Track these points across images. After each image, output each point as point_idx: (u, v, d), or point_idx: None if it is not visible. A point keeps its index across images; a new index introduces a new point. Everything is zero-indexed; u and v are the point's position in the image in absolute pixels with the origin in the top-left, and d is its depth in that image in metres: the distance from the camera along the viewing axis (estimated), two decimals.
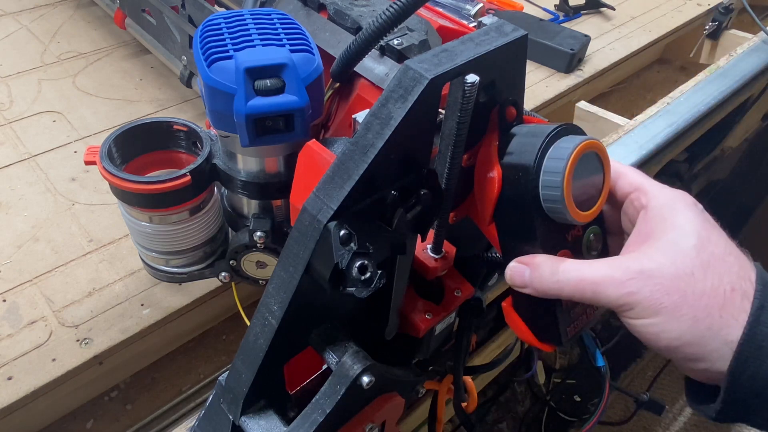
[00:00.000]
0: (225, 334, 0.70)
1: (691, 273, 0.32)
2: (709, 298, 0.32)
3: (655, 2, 1.21)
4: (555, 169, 0.34)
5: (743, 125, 1.20)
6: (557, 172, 0.34)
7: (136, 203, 0.51)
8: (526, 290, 0.36)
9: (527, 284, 0.36)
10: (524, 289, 0.36)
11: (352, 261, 0.30)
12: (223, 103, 0.44)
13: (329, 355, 0.37)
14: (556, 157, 0.34)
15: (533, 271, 0.35)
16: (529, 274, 0.35)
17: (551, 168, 0.34)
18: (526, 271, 0.36)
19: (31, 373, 0.57)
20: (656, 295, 0.32)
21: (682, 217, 0.35)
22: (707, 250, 0.33)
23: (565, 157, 0.33)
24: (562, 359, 1.39)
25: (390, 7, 0.40)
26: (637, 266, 0.33)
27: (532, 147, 0.35)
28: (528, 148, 0.35)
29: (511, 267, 0.37)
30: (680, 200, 0.36)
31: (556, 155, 0.34)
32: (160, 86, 0.95)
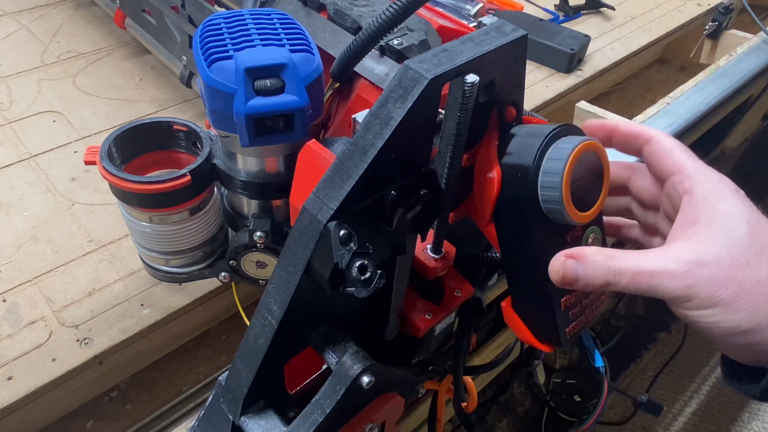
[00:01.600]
0: (225, 334, 0.70)
1: (746, 263, 0.32)
2: (766, 287, 0.31)
3: (655, 2, 1.21)
4: (554, 170, 0.34)
5: (743, 125, 1.20)
6: (556, 172, 0.33)
7: (136, 203, 0.51)
8: (577, 285, 0.34)
9: (579, 278, 0.34)
10: (575, 284, 0.34)
11: (351, 261, 0.30)
12: (223, 103, 0.44)
13: (329, 355, 0.37)
14: (555, 158, 0.34)
15: (585, 265, 0.34)
16: (582, 268, 0.34)
17: (550, 169, 0.34)
18: (577, 265, 0.34)
19: (31, 373, 0.57)
20: (714, 287, 0.31)
21: (729, 204, 0.34)
22: (758, 238, 0.33)
23: (563, 158, 0.33)
24: (562, 359, 1.39)
25: (390, 7, 0.40)
26: (692, 257, 0.32)
27: (531, 147, 0.35)
28: (527, 148, 0.35)
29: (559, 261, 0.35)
30: (725, 186, 0.35)
31: (555, 156, 0.34)
32: (160, 86, 0.95)
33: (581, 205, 0.35)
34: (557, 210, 0.34)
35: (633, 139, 0.39)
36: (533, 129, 0.36)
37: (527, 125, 0.37)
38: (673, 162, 0.37)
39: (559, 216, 0.35)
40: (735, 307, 0.31)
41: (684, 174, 0.36)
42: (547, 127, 0.35)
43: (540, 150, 0.34)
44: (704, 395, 1.43)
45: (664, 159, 0.37)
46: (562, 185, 0.33)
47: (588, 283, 0.34)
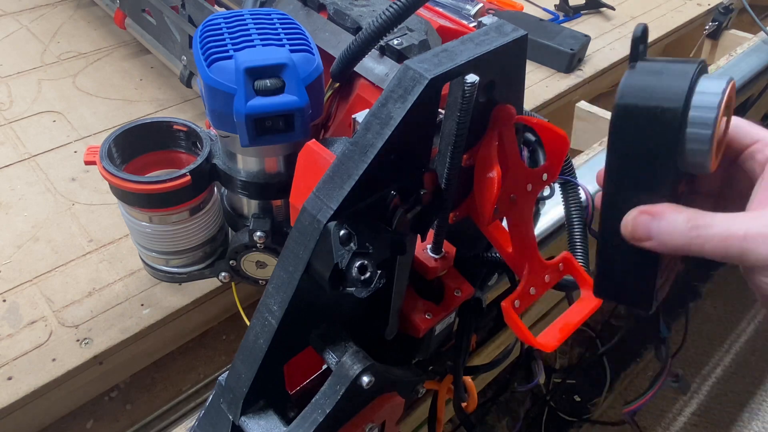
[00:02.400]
0: (225, 334, 0.70)
1: None
2: None
3: (655, 2, 1.21)
4: (709, 104, 0.30)
5: None
6: (712, 107, 0.30)
7: (136, 203, 0.51)
8: (649, 243, 0.32)
9: (653, 236, 0.32)
10: (647, 242, 0.32)
11: (351, 261, 0.30)
12: (223, 103, 0.44)
13: (329, 355, 0.37)
14: (710, 92, 0.30)
15: (662, 222, 0.31)
16: (657, 225, 0.32)
17: (704, 103, 0.30)
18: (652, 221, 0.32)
19: (31, 373, 0.57)
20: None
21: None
22: None
23: (719, 92, 0.30)
24: (562, 359, 1.39)
25: (390, 7, 0.40)
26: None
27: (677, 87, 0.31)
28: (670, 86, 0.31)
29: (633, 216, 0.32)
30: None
31: (709, 89, 0.30)
32: (160, 86, 0.95)
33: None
34: (703, 152, 0.31)
35: None
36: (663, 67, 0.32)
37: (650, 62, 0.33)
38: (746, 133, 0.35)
39: (701, 160, 0.31)
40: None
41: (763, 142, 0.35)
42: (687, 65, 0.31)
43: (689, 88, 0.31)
44: (704, 395, 1.43)
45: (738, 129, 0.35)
46: (716, 123, 0.30)
47: (664, 242, 0.32)
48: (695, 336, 1.49)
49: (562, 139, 0.38)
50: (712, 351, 1.51)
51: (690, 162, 0.32)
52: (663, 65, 0.32)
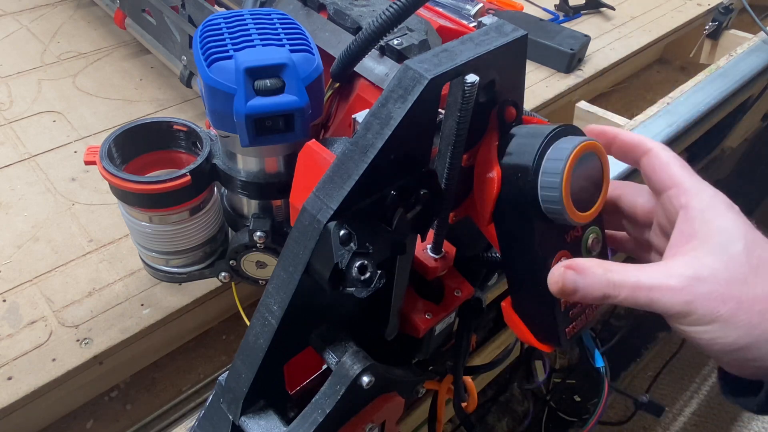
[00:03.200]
0: (225, 334, 0.70)
1: (744, 279, 0.32)
2: (763, 303, 0.32)
3: (655, 2, 1.21)
4: (554, 170, 0.34)
5: (743, 125, 1.20)
6: (556, 173, 0.33)
7: (136, 203, 0.51)
8: (575, 296, 0.34)
9: (578, 290, 0.34)
10: (573, 295, 0.34)
11: (351, 261, 0.30)
12: (223, 103, 0.44)
13: (329, 355, 0.37)
14: (555, 158, 0.34)
15: (585, 277, 0.34)
16: (581, 280, 0.34)
17: (550, 169, 0.34)
18: (576, 277, 0.34)
19: (31, 373, 0.57)
20: (713, 304, 0.32)
21: (725, 219, 0.34)
22: (755, 253, 0.33)
23: (563, 158, 0.33)
24: (562, 359, 1.39)
25: (390, 7, 0.40)
26: (691, 272, 0.32)
27: (531, 148, 0.35)
28: (527, 148, 0.35)
29: (559, 273, 0.35)
30: (721, 202, 0.35)
31: (555, 156, 0.34)
32: (160, 86, 0.95)
33: (581, 206, 0.35)
34: (557, 210, 0.34)
35: (632, 149, 0.40)
36: (533, 129, 0.36)
37: (527, 125, 0.37)
38: (669, 176, 0.37)
39: (559, 216, 0.35)
40: (733, 323, 0.32)
41: (680, 188, 0.36)
42: (547, 128, 0.35)
43: (540, 150, 0.34)
44: (704, 395, 1.43)
45: (661, 172, 0.38)
46: (562, 185, 0.33)
47: (587, 295, 0.34)
48: None
49: None
50: None
51: (553, 216, 0.35)
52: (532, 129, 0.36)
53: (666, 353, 1.46)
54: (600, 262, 0.34)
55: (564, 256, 0.37)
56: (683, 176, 0.37)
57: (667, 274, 0.33)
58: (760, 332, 0.31)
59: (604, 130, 0.41)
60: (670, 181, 0.37)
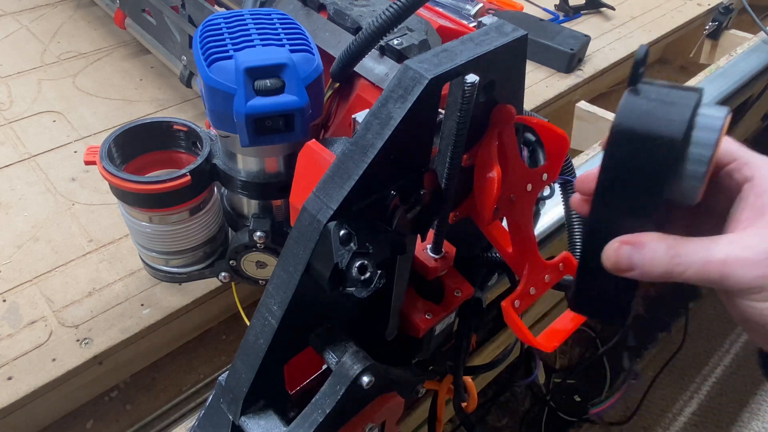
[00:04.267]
0: (225, 334, 0.70)
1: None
2: None
3: (655, 2, 1.21)
4: (707, 142, 0.30)
5: (743, 125, 1.20)
6: (709, 144, 0.30)
7: (136, 203, 0.51)
8: (632, 273, 0.32)
9: (635, 266, 0.32)
10: (630, 272, 0.32)
11: (351, 261, 0.30)
12: (223, 103, 0.44)
13: (329, 355, 0.37)
14: (709, 128, 0.30)
15: (644, 252, 0.32)
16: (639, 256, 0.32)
17: (703, 140, 0.30)
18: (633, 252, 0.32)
19: (31, 373, 0.57)
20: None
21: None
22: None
23: (717, 128, 0.30)
24: (562, 359, 1.39)
25: (390, 7, 0.40)
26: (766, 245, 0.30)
27: (679, 116, 0.30)
28: (671, 116, 0.31)
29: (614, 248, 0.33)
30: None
31: (709, 125, 0.30)
32: (160, 86, 0.95)
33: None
34: (695, 187, 0.31)
35: None
36: (667, 94, 0.31)
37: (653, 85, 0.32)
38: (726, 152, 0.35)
39: (693, 192, 0.31)
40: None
41: (741, 161, 0.34)
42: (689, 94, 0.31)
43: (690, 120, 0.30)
44: (704, 395, 1.43)
45: None
46: (712, 159, 0.30)
47: (646, 272, 0.32)
48: (695, 336, 1.49)
49: (562, 139, 0.38)
50: (712, 351, 1.51)
51: (681, 194, 0.32)
52: (664, 91, 0.32)
53: (666, 353, 1.46)
54: (661, 236, 0.32)
55: None
56: (740, 150, 0.35)
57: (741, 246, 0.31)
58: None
59: None
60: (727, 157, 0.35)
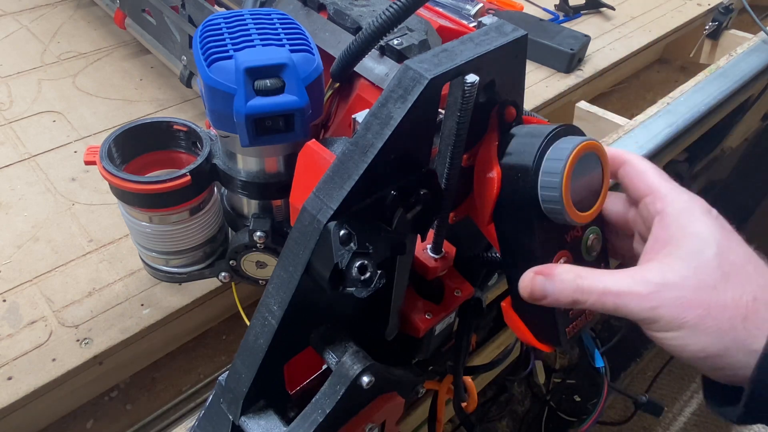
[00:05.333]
0: (225, 334, 0.70)
1: (713, 286, 0.32)
2: (732, 310, 0.31)
3: (655, 2, 1.21)
4: (553, 170, 0.34)
5: (743, 125, 1.20)
6: (556, 172, 0.34)
7: (136, 203, 0.51)
8: (545, 301, 0.35)
9: (547, 295, 0.35)
10: (543, 300, 0.35)
11: (351, 261, 0.30)
12: (223, 103, 0.44)
13: (329, 355, 0.37)
14: (555, 158, 0.34)
15: (554, 282, 0.35)
16: (550, 285, 0.35)
17: (550, 169, 0.34)
18: (545, 282, 0.35)
19: (31, 373, 0.57)
20: (679, 310, 0.32)
21: (700, 224, 0.34)
22: (728, 259, 0.33)
23: (563, 158, 0.33)
24: (562, 359, 1.39)
25: (390, 7, 0.40)
26: (659, 279, 0.33)
27: (531, 147, 0.35)
28: (527, 148, 0.35)
29: (529, 278, 0.36)
30: (697, 206, 0.35)
31: (555, 156, 0.34)
32: (160, 86, 0.95)
33: (581, 205, 0.35)
34: (557, 210, 0.34)
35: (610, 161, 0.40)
36: (533, 129, 0.36)
37: (527, 125, 0.37)
38: (645, 183, 0.37)
39: (559, 216, 0.35)
40: (701, 329, 0.31)
41: (656, 195, 0.36)
42: (547, 128, 0.35)
43: (540, 150, 0.34)
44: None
45: (638, 181, 0.38)
46: (562, 185, 0.33)
47: (556, 300, 0.35)
48: None
49: None
50: None
51: (552, 216, 0.35)
52: (531, 129, 0.36)
53: (666, 353, 1.46)
54: (570, 268, 0.35)
55: (564, 256, 0.37)
56: (660, 183, 0.37)
57: (634, 280, 0.33)
58: (731, 339, 0.31)
59: None
60: (646, 189, 0.37)
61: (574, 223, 0.35)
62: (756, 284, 0.32)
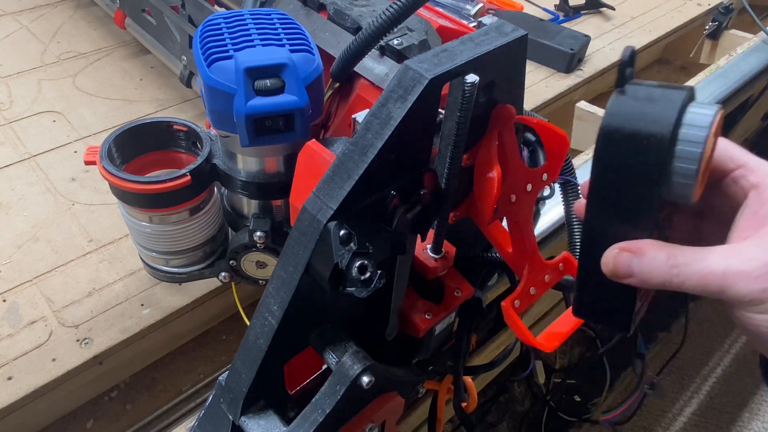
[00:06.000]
0: (225, 334, 0.70)
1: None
2: None
3: (655, 2, 1.21)
4: (696, 139, 0.30)
5: (743, 125, 1.20)
6: (698, 142, 0.30)
7: (136, 203, 0.51)
8: (631, 280, 0.32)
9: (634, 274, 0.32)
10: (628, 279, 0.32)
11: (351, 261, 0.30)
12: (223, 103, 0.44)
13: (329, 355, 0.37)
14: (698, 125, 0.30)
15: (643, 260, 0.31)
16: (638, 263, 0.32)
17: (692, 137, 0.30)
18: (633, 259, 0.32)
19: (31, 373, 0.57)
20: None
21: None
22: None
23: (706, 125, 0.29)
24: (562, 359, 1.39)
25: (390, 7, 0.40)
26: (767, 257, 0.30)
27: (666, 113, 0.30)
28: (658, 114, 0.30)
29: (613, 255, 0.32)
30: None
31: (698, 122, 0.30)
32: (160, 86, 0.95)
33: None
34: (689, 185, 0.31)
35: None
36: (654, 92, 0.31)
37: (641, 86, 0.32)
38: (731, 158, 0.34)
39: (686, 191, 0.31)
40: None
41: (746, 168, 0.34)
42: (676, 92, 0.31)
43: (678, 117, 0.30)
44: (704, 395, 1.43)
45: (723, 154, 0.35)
46: (704, 157, 0.30)
47: (644, 280, 0.32)
48: (695, 336, 1.49)
49: (562, 139, 0.38)
50: (712, 351, 1.51)
51: (674, 192, 0.31)
52: (651, 90, 0.31)
53: (666, 353, 1.46)
54: (661, 245, 0.32)
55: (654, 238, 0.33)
56: (747, 156, 0.34)
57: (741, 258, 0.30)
58: None
59: None
60: (733, 163, 0.34)
61: (691, 200, 0.31)
62: None
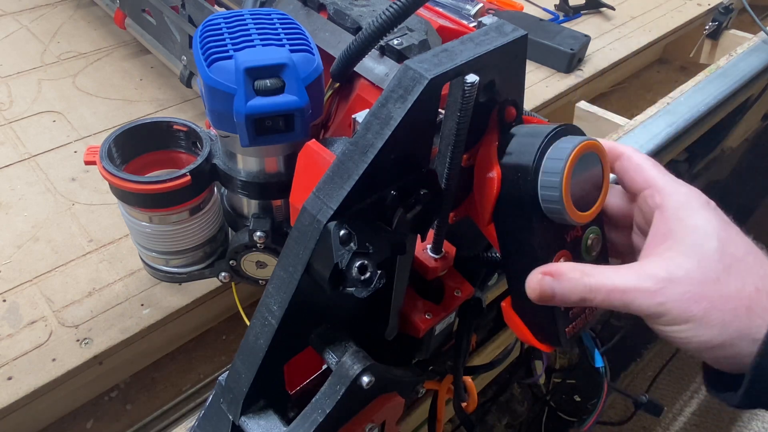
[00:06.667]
0: (225, 334, 0.70)
1: (716, 278, 0.32)
2: (736, 302, 0.32)
3: (655, 2, 1.21)
4: (554, 170, 0.34)
5: (743, 125, 1.20)
6: (556, 172, 0.34)
7: (136, 203, 0.51)
8: (554, 301, 0.35)
9: (556, 294, 0.35)
10: (551, 300, 0.35)
11: (351, 261, 0.30)
12: (223, 103, 0.44)
13: (329, 355, 0.37)
14: (555, 158, 0.34)
15: (561, 282, 0.35)
16: (558, 285, 0.35)
17: (550, 168, 0.34)
18: (553, 282, 0.35)
19: (31, 373, 0.57)
20: (686, 304, 0.32)
21: (699, 217, 0.35)
22: (728, 251, 0.33)
23: (564, 158, 0.33)
24: (562, 359, 1.39)
25: (390, 7, 0.40)
26: (664, 274, 0.33)
27: (531, 147, 0.35)
28: (527, 148, 0.35)
29: (537, 279, 0.35)
30: (695, 199, 0.36)
31: (555, 155, 0.34)
32: (160, 86, 0.95)
33: (581, 205, 0.35)
34: (557, 210, 0.34)
35: None
36: (533, 129, 0.36)
37: (527, 125, 0.37)
38: (643, 177, 0.38)
39: (559, 216, 0.35)
40: (707, 322, 0.32)
41: (654, 188, 0.37)
42: (547, 127, 0.35)
43: (540, 149, 0.34)
44: (704, 395, 1.43)
45: (635, 174, 0.38)
46: (562, 185, 0.33)
47: (564, 299, 0.35)
48: None
49: None
50: None
51: (552, 216, 0.35)
52: (531, 128, 0.36)
53: (666, 353, 1.46)
54: (575, 266, 0.35)
55: (564, 256, 0.37)
56: (657, 176, 0.37)
57: (641, 276, 0.33)
58: (735, 330, 0.32)
59: None
60: (644, 183, 0.37)
61: (574, 222, 0.35)
62: (757, 275, 0.33)
